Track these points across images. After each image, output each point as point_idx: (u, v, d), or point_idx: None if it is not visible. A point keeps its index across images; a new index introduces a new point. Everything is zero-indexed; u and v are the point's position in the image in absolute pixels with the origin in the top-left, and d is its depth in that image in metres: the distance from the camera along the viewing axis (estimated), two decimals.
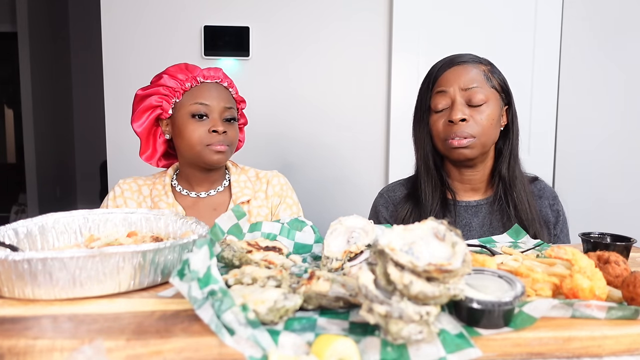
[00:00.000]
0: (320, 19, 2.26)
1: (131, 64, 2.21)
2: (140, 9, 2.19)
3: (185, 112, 1.15)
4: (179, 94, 1.16)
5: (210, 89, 1.17)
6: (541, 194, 1.19)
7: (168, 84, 1.15)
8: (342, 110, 2.31)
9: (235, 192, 1.23)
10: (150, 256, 0.62)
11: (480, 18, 2.23)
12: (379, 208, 1.24)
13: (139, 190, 1.22)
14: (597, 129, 2.33)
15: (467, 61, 1.11)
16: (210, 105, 1.15)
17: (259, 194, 1.25)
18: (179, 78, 1.16)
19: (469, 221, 1.15)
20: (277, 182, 1.28)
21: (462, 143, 1.07)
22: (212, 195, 1.23)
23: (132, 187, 1.22)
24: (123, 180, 1.24)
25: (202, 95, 1.15)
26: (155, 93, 1.17)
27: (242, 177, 1.27)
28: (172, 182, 1.25)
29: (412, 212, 1.16)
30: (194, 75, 1.16)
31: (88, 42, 4.94)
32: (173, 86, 1.15)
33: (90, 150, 5.20)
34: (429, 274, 0.48)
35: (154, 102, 1.17)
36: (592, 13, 2.28)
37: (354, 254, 0.76)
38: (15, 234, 0.71)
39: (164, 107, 1.17)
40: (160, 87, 1.16)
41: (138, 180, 1.25)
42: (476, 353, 0.47)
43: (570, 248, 0.66)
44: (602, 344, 0.51)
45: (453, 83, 1.09)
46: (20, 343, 0.48)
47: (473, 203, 1.16)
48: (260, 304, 0.52)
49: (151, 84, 1.19)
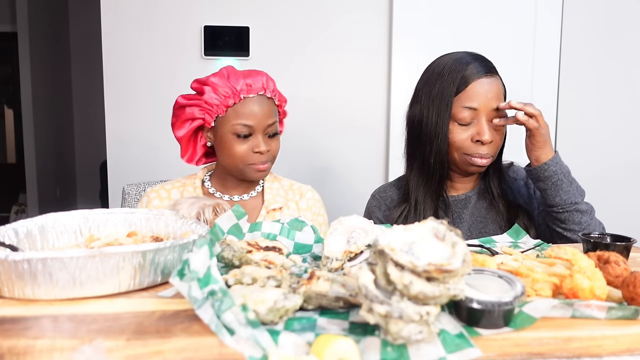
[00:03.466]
0: (320, 19, 2.26)
1: (131, 64, 2.21)
2: (140, 9, 2.19)
3: (228, 129, 1.13)
4: (222, 110, 1.13)
5: (253, 105, 1.13)
6: (516, 176, 1.25)
7: (210, 101, 1.12)
8: (342, 110, 2.31)
9: (267, 199, 1.22)
10: (150, 256, 0.62)
11: (480, 18, 2.24)
12: (372, 209, 1.26)
13: (169, 196, 1.20)
14: (597, 128, 2.33)
15: (494, 72, 1.09)
16: (253, 126, 1.13)
17: (290, 204, 1.24)
18: (222, 93, 1.11)
19: (460, 214, 1.19)
20: (312, 196, 1.27)
21: (484, 163, 1.09)
22: (244, 200, 1.22)
23: (160, 195, 1.21)
24: (151, 189, 1.22)
25: (246, 115, 1.12)
26: (197, 105, 1.14)
27: (276, 184, 1.26)
28: (203, 183, 1.23)
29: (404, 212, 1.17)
30: (238, 91, 1.11)
31: (88, 42, 4.94)
32: (216, 103, 1.12)
33: (90, 150, 5.20)
34: (429, 274, 0.48)
35: (197, 114, 1.14)
36: (592, 13, 2.28)
37: (354, 254, 0.76)
38: (15, 234, 0.71)
39: (206, 119, 1.14)
40: (203, 102, 1.12)
41: (166, 185, 1.23)
42: (476, 353, 0.47)
43: (570, 248, 0.66)
44: (602, 344, 0.51)
45: (483, 99, 1.05)
46: (20, 343, 0.48)
47: (462, 196, 1.20)
48: (260, 304, 0.52)
49: (193, 93, 1.16)
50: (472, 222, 1.17)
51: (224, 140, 1.14)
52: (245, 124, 1.12)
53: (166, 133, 2.23)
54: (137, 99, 2.23)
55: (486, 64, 1.10)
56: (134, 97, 2.23)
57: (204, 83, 1.13)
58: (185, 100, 1.16)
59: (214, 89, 1.12)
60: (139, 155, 2.24)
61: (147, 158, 2.24)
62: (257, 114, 1.13)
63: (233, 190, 1.22)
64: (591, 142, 2.33)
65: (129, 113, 2.23)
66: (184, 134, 1.18)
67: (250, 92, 1.13)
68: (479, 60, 1.10)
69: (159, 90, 2.23)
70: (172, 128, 1.20)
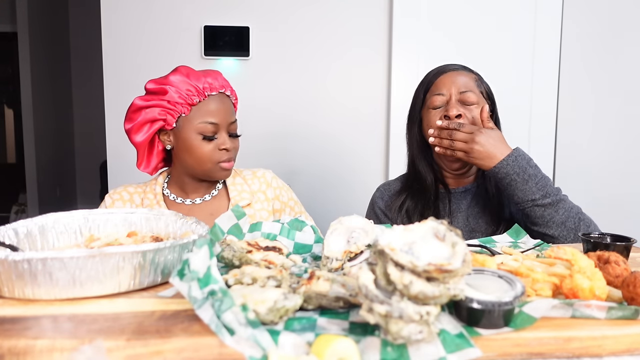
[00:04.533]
0: (320, 19, 2.26)
1: (131, 64, 2.21)
2: (141, 9, 2.19)
3: (192, 128, 1.11)
4: (187, 110, 1.11)
5: (217, 103, 1.13)
6: None
7: (174, 99, 1.10)
8: (342, 109, 2.31)
9: (233, 196, 1.21)
10: (150, 256, 0.62)
11: (480, 19, 2.24)
12: (375, 200, 1.33)
13: (131, 199, 1.19)
14: (597, 128, 2.33)
15: (459, 69, 1.22)
16: (219, 124, 1.12)
17: (258, 195, 1.23)
18: (185, 91, 1.10)
19: (458, 205, 1.24)
20: (277, 184, 1.27)
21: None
22: (207, 201, 1.21)
23: (123, 197, 1.19)
24: (114, 190, 1.21)
25: (211, 113, 1.11)
26: (158, 106, 1.11)
27: (238, 179, 1.24)
28: (163, 190, 1.21)
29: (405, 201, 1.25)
30: (202, 89, 1.11)
31: (88, 42, 4.94)
32: (179, 101, 1.10)
33: (90, 150, 5.21)
34: (429, 274, 0.48)
35: (157, 115, 1.11)
36: (591, 14, 2.28)
37: (354, 254, 0.76)
38: (15, 234, 0.71)
39: (168, 120, 1.12)
40: (165, 102, 1.10)
41: (129, 187, 1.21)
42: (476, 353, 0.47)
43: (570, 248, 0.66)
44: (602, 344, 0.51)
45: (450, 86, 1.18)
46: (20, 343, 0.48)
47: (461, 189, 1.25)
48: (260, 304, 0.52)
49: (152, 94, 1.13)
50: (469, 214, 1.22)
51: (188, 141, 1.12)
52: (212, 121, 1.11)
53: None
54: None
55: (453, 65, 1.23)
56: (134, 97, 2.22)
57: (164, 83, 1.11)
58: (143, 101, 1.12)
59: (177, 88, 1.10)
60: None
61: None
62: (221, 112, 1.13)
63: (194, 194, 1.21)
64: (591, 142, 2.33)
65: None
66: (144, 138, 1.14)
67: (213, 90, 1.13)
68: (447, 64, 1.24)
69: None
70: (129, 134, 1.14)
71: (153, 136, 1.16)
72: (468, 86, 1.18)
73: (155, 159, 1.20)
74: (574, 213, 1.07)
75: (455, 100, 1.17)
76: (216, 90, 1.13)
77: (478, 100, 1.17)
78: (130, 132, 1.15)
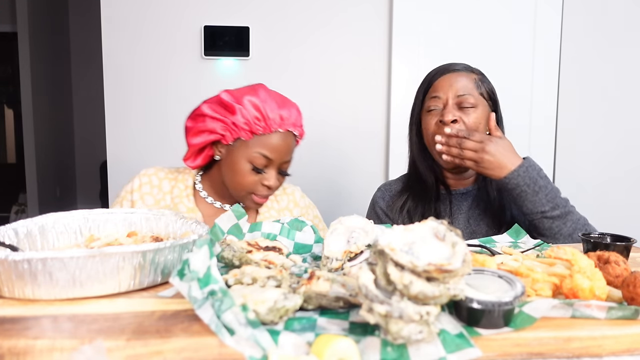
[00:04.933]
0: (321, 19, 2.25)
1: (131, 64, 2.21)
2: (140, 9, 2.19)
3: (246, 155, 1.07)
4: (248, 136, 1.06)
5: (279, 140, 1.08)
6: None
7: (239, 123, 1.05)
8: (342, 110, 2.31)
9: (262, 212, 1.19)
10: (150, 256, 0.62)
11: (480, 18, 2.24)
12: (376, 199, 1.32)
13: (160, 186, 1.15)
14: (597, 128, 2.33)
15: (460, 69, 1.19)
16: (273, 160, 1.08)
17: (284, 213, 1.21)
18: (253, 119, 1.05)
19: (459, 207, 1.23)
20: (304, 204, 1.26)
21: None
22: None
23: (152, 181, 1.15)
24: (145, 171, 1.17)
25: (269, 148, 1.07)
26: (222, 122, 1.07)
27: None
28: (195, 184, 1.18)
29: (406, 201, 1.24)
30: (270, 123, 1.06)
31: (88, 42, 4.94)
32: (244, 127, 1.05)
33: (90, 150, 5.20)
34: (429, 274, 0.48)
35: (218, 129, 1.08)
36: (592, 13, 2.28)
37: (354, 254, 0.76)
38: (15, 234, 0.71)
39: (226, 137, 1.08)
40: (230, 121, 1.06)
41: (160, 172, 1.17)
42: (476, 353, 0.47)
43: (570, 248, 0.66)
44: (602, 344, 0.51)
45: (447, 89, 1.16)
46: (20, 343, 0.48)
47: (462, 190, 1.25)
48: (260, 304, 0.52)
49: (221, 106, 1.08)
50: (469, 216, 1.21)
51: (237, 164, 1.08)
52: (267, 155, 1.07)
53: (166, 133, 2.24)
54: (137, 98, 2.23)
55: (454, 65, 1.21)
56: (134, 97, 2.23)
57: (237, 101, 1.06)
58: (210, 111, 1.08)
59: (247, 113, 1.05)
60: (139, 155, 2.24)
61: (147, 158, 2.24)
62: (280, 150, 1.08)
63: (226, 199, 1.18)
64: (591, 142, 2.33)
65: (129, 113, 2.23)
66: (198, 142, 1.11)
67: (282, 127, 1.08)
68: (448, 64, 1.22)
69: (159, 90, 2.23)
70: (186, 133, 1.12)
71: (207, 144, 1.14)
72: (466, 89, 1.15)
73: (200, 160, 1.17)
74: (581, 225, 1.06)
75: (452, 103, 1.15)
76: (284, 128, 1.08)
77: (476, 103, 1.15)
78: (188, 131, 1.12)
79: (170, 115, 2.23)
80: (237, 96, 1.07)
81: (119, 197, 1.18)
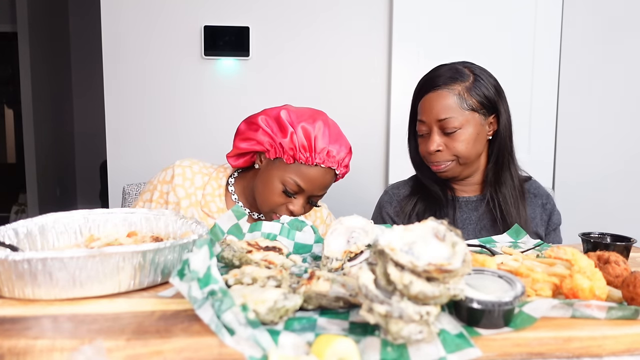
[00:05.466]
0: (321, 19, 2.25)
1: (131, 64, 2.21)
2: (141, 9, 2.19)
3: (281, 175, 1.07)
4: (290, 159, 1.07)
5: (318, 174, 1.07)
6: (536, 192, 1.24)
7: (285, 145, 1.06)
8: (342, 110, 2.31)
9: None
10: (150, 256, 0.62)
11: (480, 18, 2.23)
12: (383, 204, 1.28)
13: (192, 179, 1.15)
14: (597, 128, 2.33)
15: (441, 86, 1.12)
16: (305, 190, 1.08)
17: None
18: (300, 146, 1.05)
19: (469, 215, 1.20)
20: (330, 221, 1.26)
21: (440, 168, 1.15)
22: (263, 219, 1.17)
23: (185, 173, 1.15)
24: (180, 162, 1.16)
25: (305, 179, 1.07)
26: (271, 137, 1.08)
27: None
28: (228, 185, 1.18)
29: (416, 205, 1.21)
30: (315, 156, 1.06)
31: (88, 42, 4.94)
32: (288, 151, 1.06)
33: (90, 150, 5.20)
34: (429, 274, 0.48)
35: (265, 143, 1.09)
36: (592, 13, 2.28)
37: (354, 254, 0.76)
38: (15, 234, 0.71)
39: (270, 153, 1.09)
40: (278, 141, 1.07)
41: (195, 166, 1.17)
42: (476, 353, 0.47)
43: (570, 248, 0.66)
44: (602, 344, 0.51)
45: (429, 114, 1.13)
46: (20, 343, 0.48)
47: (473, 198, 1.21)
48: (260, 304, 0.52)
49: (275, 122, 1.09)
50: (478, 226, 1.19)
51: (271, 181, 1.08)
52: (300, 184, 1.07)
53: (166, 133, 2.24)
54: (137, 99, 2.23)
55: (436, 80, 1.13)
56: (134, 97, 2.23)
57: (292, 124, 1.07)
58: (264, 124, 1.10)
59: (296, 139, 1.06)
60: (139, 155, 2.24)
61: (147, 158, 2.24)
62: (315, 183, 1.08)
63: (254, 208, 1.18)
64: (591, 142, 2.33)
65: (129, 113, 2.23)
66: (243, 147, 1.13)
67: (325, 163, 1.07)
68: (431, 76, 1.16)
69: (159, 90, 2.23)
70: (237, 134, 1.14)
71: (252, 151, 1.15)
72: (447, 111, 1.10)
73: (241, 161, 1.18)
74: None
75: (436, 129, 1.12)
76: (327, 164, 1.08)
77: (461, 124, 1.10)
78: (239, 133, 1.14)
79: (170, 115, 2.23)
80: (294, 117, 1.08)
81: (151, 185, 1.17)
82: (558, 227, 1.25)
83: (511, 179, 1.18)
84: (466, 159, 1.13)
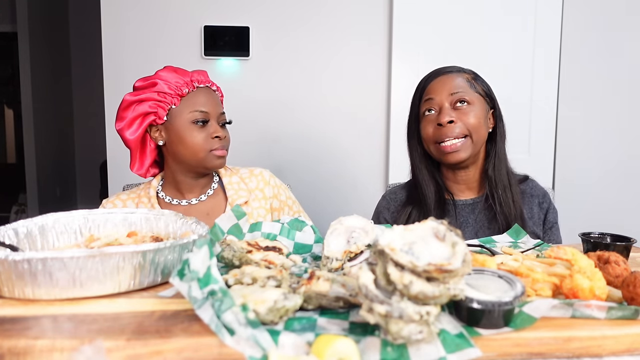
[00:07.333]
0: (321, 19, 2.26)
1: (131, 64, 2.21)
2: (140, 9, 2.19)
3: (184, 118, 1.13)
4: (177, 100, 1.14)
5: (205, 94, 1.16)
6: (532, 192, 1.24)
7: (164, 90, 1.12)
8: (342, 110, 2.31)
9: (230, 195, 1.21)
10: (150, 256, 0.62)
11: (480, 18, 2.24)
12: (381, 210, 1.29)
13: (124, 207, 1.18)
14: (597, 128, 2.33)
15: (452, 71, 1.19)
16: (209, 112, 1.15)
17: (255, 193, 1.23)
18: (174, 83, 1.13)
19: (466, 218, 1.20)
20: (274, 183, 1.27)
21: (455, 146, 1.13)
22: (203, 201, 1.21)
23: (116, 205, 1.19)
24: (106, 201, 1.21)
25: (200, 103, 1.15)
26: (148, 99, 1.13)
27: (235, 178, 1.24)
28: (158, 193, 1.21)
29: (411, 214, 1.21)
30: (190, 80, 1.15)
31: (88, 42, 4.94)
32: (169, 92, 1.12)
33: (90, 150, 5.20)
34: (429, 274, 0.48)
35: (148, 109, 1.13)
36: (592, 13, 2.28)
37: (354, 254, 0.76)
38: (15, 234, 0.71)
39: (159, 113, 1.14)
40: (155, 94, 1.13)
41: (122, 195, 1.21)
42: (476, 353, 0.47)
43: (570, 248, 0.66)
44: (602, 344, 0.51)
45: (440, 91, 1.16)
46: (20, 343, 0.48)
47: (470, 201, 1.21)
48: (260, 304, 0.52)
49: (141, 89, 1.15)
50: (477, 229, 1.19)
51: (181, 131, 1.14)
52: (202, 110, 1.14)
53: None
54: None
55: (445, 68, 1.20)
56: None
57: (153, 78, 1.14)
58: (133, 96, 1.14)
59: (166, 81, 1.13)
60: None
61: None
62: (210, 102, 1.16)
63: (189, 194, 1.21)
64: (591, 142, 2.33)
65: None
66: (137, 135, 1.15)
67: (201, 83, 1.17)
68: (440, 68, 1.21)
69: None
70: (121, 133, 1.16)
71: (144, 134, 1.17)
72: (459, 87, 1.15)
73: (148, 159, 1.20)
74: None
75: (448, 103, 1.14)
76: (203, 84, 1.17)
77: (472, 100, 1.14)
78: (122, 131, 1.16)
79: None
80: (150, 76, 1.15)
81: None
82: (555, 225, 1.25)
83: (508, 179, 1.19)
84: (477, 135, 1.14)
